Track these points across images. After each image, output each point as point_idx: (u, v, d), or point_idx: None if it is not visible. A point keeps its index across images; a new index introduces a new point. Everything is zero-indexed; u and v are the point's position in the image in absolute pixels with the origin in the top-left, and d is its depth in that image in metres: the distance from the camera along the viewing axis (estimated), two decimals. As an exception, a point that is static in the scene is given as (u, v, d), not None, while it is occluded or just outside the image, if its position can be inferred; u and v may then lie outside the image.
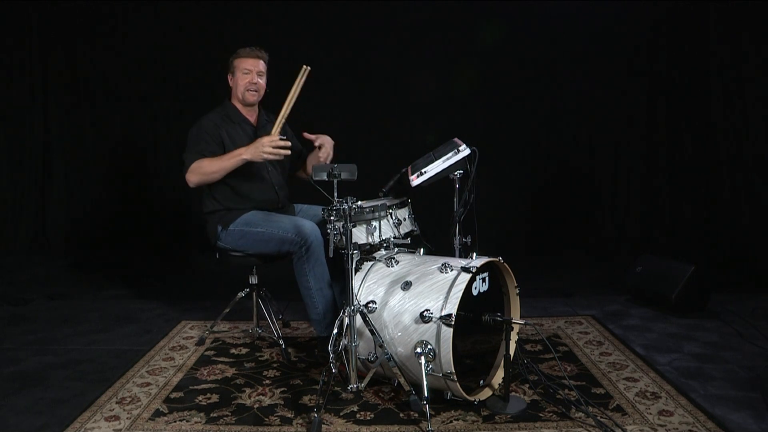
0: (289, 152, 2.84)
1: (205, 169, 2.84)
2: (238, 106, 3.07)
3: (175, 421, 2.39)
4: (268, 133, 3.04)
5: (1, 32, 5.04)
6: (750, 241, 4.53)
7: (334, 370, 2.36)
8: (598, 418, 2.32)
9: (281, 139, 2.79)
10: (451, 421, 2.34)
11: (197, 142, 2.90)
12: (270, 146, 2.76)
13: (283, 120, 2.84)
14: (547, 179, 5.05)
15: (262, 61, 3.03)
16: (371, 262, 2.65)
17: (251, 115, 3.10)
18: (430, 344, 2.30)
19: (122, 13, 5.06)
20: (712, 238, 4.73)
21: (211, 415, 2.43)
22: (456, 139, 2.81)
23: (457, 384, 2.27)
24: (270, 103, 3.12)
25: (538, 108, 4.99)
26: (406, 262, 2.61)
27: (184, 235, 5.08)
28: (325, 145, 3.02)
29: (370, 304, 2.48)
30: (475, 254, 2.53)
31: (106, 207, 5.30)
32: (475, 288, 2.41)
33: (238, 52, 3.03)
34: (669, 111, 4.89)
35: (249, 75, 2.99)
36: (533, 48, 4.92)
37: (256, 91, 3.01)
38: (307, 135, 3.03)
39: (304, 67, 2.80)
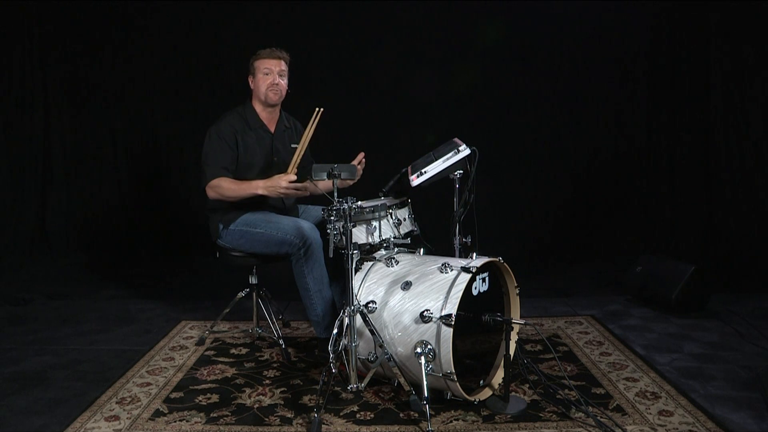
0: (306, 193, 2.88)
1: (223, 192, 2.87)
2: (258, 108, 3.05)
3: (175, 421, 2.39)
4: (284, 142, 3.08)
5: (1, 32, 5.04)
6: (750, 241, 4.53)
7: (334, 370, 2.36)
8: (598, 418, 2.32)
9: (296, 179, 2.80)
10: (451, 421, 2.34)
11: (216, 152, 2.90)
12: (285, 189, 2.76)
13: (298, 160, 2.82)
14: (547, 179, 5.04)
15: (282, 62, 3.00)
16: (371, 262, 2.65)
17: (270, 121, 3.07)
18: (430, 344, 2.30)
19: (122, 13, 5.05)
20: (712, 238, 4.73)
21: (211, 415, 2.43)
22: (456, 139, 2.81)
23: (457, 384, 2.27)
24: (289, 106, 3.12)
25: (538, 108, 4.98)
26: (406, 262, 2.61)
27: (184, 235, 5.08)
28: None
29: (370, 304, 2.48)
30: (475, 254, 2.53)
31: (107, 207, 5.30)
32: (475, 288, 2.41)
33: (258, 53, 3.01)
34: (669, 111, 4.88)
35: (270, 75, 2.96)
36: (533, 48, 4.92)
37: (277, 92, 3.00)
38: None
39: (317, 109, 2.78)
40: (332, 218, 2.45)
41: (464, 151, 2.72)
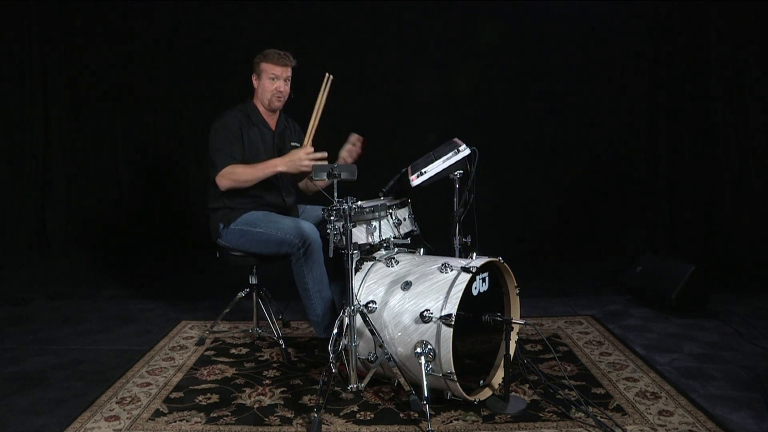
0: (326, 161, 2.83)
1: (239, 177, 2.85)
2: (260, 108, 3.06)
3: (175, 421, 2.39)
4: (284, 140, 3.10)
5: (1, 31, 5.04)
6: (750, 241, 4.53)
7: (334, 370, 2.36)
8: (598, 418, 2.32)
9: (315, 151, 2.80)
10: (451, 421, 2.34)
11: (225, 144, 2.89)
12: (307, 159, 2.77)
13: (314, 131, 2.81)
14: (547, 179, 5.04)
15: (289, 68, 2.99)
16: (371, 262, 2.65)
17: (271, 119, 3.09)
18: (430, 344, 2.30)
19: (122, 12, 5.05)
20: (712, 238, 4.73)
21: (211, 415, 2.43)
22: (456, 139, 2.81)
23: (457, 384, 2.27)
24: (288, 105, 3.12)
25: (538, 108, 4.98)
26: (406, 262, 2.61)
27: (184, 235, 5.08)
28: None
29: (370, 304, 2.48)
30: (475, 254, 2.53)
31: (107, 207, 5.30)
32: (475, 288, 2.41)
33: (266, 54, 2.97)
34: (669, 111, 4.88)
35: (276, 82, 2.96)
36: (533, 48, 4.92)
37: (282, 99, 3.00)
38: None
39: (327, 74, 2.76)
40: (332, 218, 2.45)
41: (464, 151, 2.72)
